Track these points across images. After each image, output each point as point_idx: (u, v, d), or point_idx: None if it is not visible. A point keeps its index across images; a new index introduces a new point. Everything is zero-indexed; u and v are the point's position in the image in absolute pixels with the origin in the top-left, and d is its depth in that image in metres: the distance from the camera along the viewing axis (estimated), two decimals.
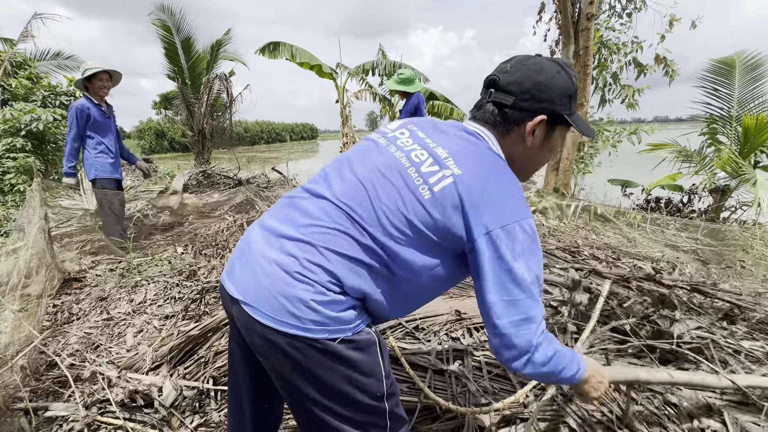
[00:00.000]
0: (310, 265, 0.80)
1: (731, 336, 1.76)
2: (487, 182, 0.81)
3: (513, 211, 0.80)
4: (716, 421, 1.37)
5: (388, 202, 0.82)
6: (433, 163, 0.84)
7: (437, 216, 0.80)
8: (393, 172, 0.85)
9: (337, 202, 0.84)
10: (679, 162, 6.53)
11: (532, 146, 0.92)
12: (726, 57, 6.24)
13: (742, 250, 4.17)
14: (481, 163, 0.85)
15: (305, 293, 0.79)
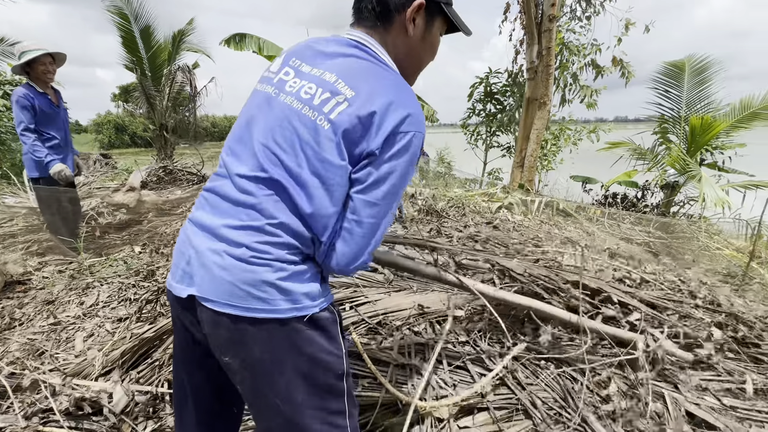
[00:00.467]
0: (262, 246, 0.81)
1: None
2: (382, 98, 0.81)
3: (409, 122, 0.82)
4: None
5: (299, 152, 0.82)
6: (324, 91, 0.84)
7: (341, 142, 0.81)
8: (290, 122, 0.84)
9: (254, 174, 0.84)
10: (634, 160, 6.91)
11: (414, 37, 0.94)
12: (676, 60, 6.63)
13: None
14: (372, 79, 0.85)
15: (268, 274, 0.80)
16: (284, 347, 0.83)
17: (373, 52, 0.91)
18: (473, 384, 1.56)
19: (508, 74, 9.19)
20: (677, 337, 1.77)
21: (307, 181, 0.82)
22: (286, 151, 0.83)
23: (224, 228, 0.83)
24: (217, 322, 0.82)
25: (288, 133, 0.83)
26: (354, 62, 0.88)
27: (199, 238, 0.86)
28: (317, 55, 0.91)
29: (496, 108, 9.78)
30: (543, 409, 1.44)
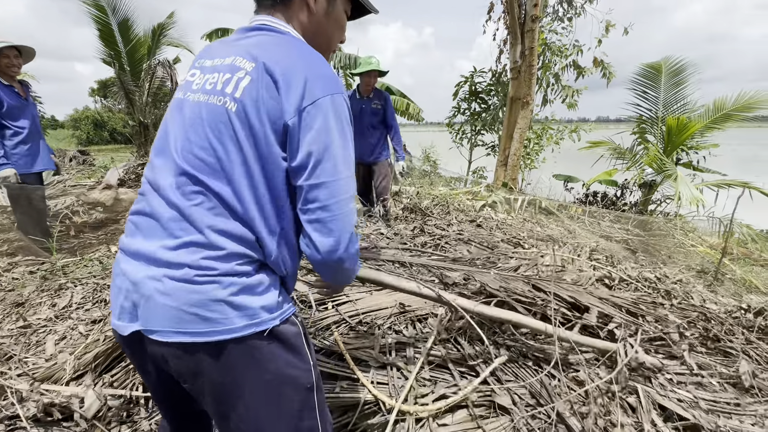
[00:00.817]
0: (206, 262, 0.74)
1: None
2: (287, 64, 0.76)
3: (323, 87, 0.76)
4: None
5: (217, 145, 0.76)
6: (224, 74, 0.79)
7: (254, 120, 0.75)
8: (201, 118, 0.78)
9: (178, 184, 0.77)
10: (614, 159, 7.07)
11: (317, 14, 0.90)
12: (654, 62, 6.80)
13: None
14: (273, 47, 0.79)
15: (217, 292, 0.73)
16: (245, 368, 0.76)
17: (276, 29, 0.85)
18: (453, 381, 1.57)
19: (492, 73, 9.28)
20: (653, 341, 1.82)
21: (232, 174, 0.75)
22: (204, 149, 0.76)
23: (160, 250, 0.75)
24: (168, 354, 0.76)
25: (200, 129, 0.77)
26: (255, 40, 0.83)
27: (134, 267, 0.78)
28: (220, 49, 0.86)
29: (481, 107, 9.87)
30: (521, 405, 1.46)
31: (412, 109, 11.59)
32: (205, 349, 0.74)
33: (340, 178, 0.77)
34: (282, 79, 0.74)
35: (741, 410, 1.53)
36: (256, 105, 0.74)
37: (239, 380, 0.77)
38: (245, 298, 0.75)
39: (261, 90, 0.74)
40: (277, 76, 0.74)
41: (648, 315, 1.97)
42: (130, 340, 0.79)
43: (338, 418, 1.44)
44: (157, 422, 1.49)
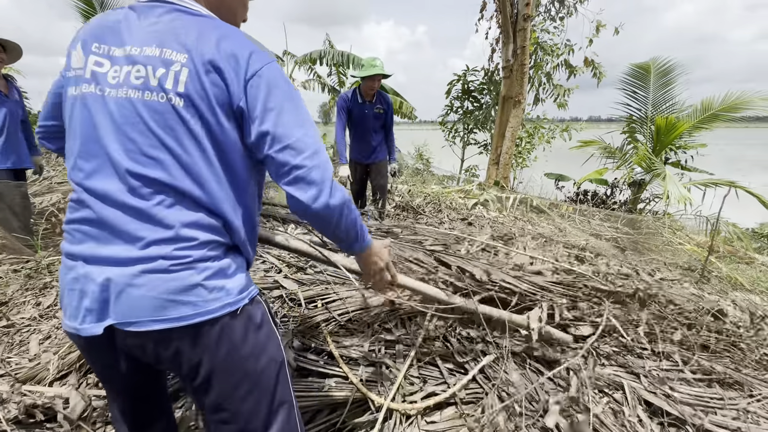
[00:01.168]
0: (180, 251, 0.76)
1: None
2: (220, 45, 0.77)
3: (255, 59, 0.79)
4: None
5: (167, 141, 0.76)
6: (156, 68, 0.76)
7: (205, 112, 0.76)
8: (140, 116, 0.76)
9: (133, 187, 0.76)
10: (604, 158, 7.14)
11: None
12: (642, 62, 6.88)
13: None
14: (195, 32, 0.78)
15: (193, 277, 0.76)
16: (223, 346, 0.79)
17: (189, 9, 0.83)
18: (442, 379, 1.57)
19: (484, 72, 9.31)
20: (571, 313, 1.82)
21: (192, 167, 0.77)
22: (157, 148, 0.76)
23: (127, 251, 0.75)
24: (147, 343, 0.77)
25: (144, 128, 0.76)
26: (172, 24, 0.79)
27: (98, 269, 0.76)
28: (128, 34, 0.80)
29: (474, 105, 9.90)
30: (508, 401, 1.47)
31: (405, 108, 11.58)
32: (185, 333, 0.77)
33: (299, 137, 0.80)
34: (221, 65, 0.76)
35: (723, 405, 1.55)
36: (203, 96, 0.76)
37: (217, 358, 0.80)
38: (218, 280, 0.79)
39: (204, 80, 0.76)
40: (216, 63, 0.76)
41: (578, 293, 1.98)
42: (94, 341, 0.79)
43: (327, 417, 1.43)
44: None
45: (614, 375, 1.62)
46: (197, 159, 0.77)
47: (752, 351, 1.88)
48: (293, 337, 1.69)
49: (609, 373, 1.62)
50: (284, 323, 1.79)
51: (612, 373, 1.63)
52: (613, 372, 1.64)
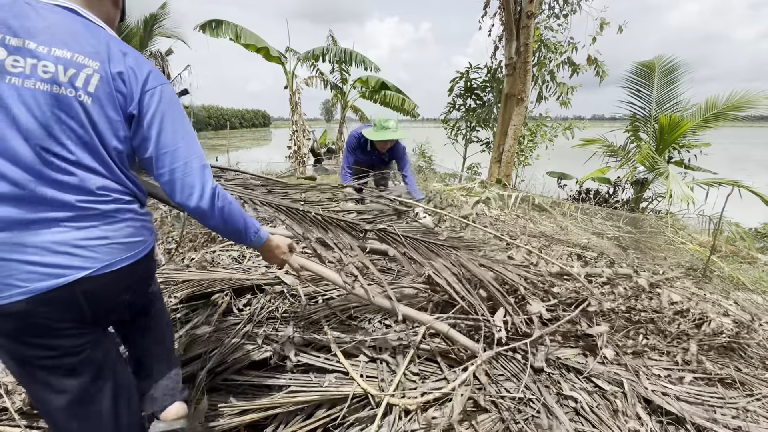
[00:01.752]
0: (114, 207, 0.94)
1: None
2: (125, 60, 0.93)
3: (153, 78, 0.97)
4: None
5: (77, 130, 0.88)
6: (67, 68, 0.86)
7: (109, 112, 0.91)
8: (58, 108, 0.86)
9: (55, 171, 0.86)
10: (607, 156, 7.11)
11: (114, 12, 1.08)
12: (647, 61, 6.84)
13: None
14: (103, 44, 0.92)
15: (128, 229, 0.96)
16: (146, 281, 1.09)
17: (92, 20, 0.95)
18: (441, 375, 1.58)
19: (487, 70, 9.27)
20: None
21: (98, 152, 0.91)
22: (68, 135, 0.87)
23: (62, 219, 0.87)
24: (97, 286, 0.91)
25: (53, 117, 0.85)
26: (69, 26, 0.90)
27: (41, 235, 0.85)
28: (28, 27, 0.85)
29: (476, 103, 9.86)
30: (508, 398, 1.47)
31: (407, 105, 11.56)
32: (123, 272, 0.95)
33: (179, 146, 0.98)
34: (125, 77, 0.93)
35: (723, 403, 1.56)
36: (110, 99, 0.91)
37: (143, 291, 1.11)
38: (141, 228, 1.00)
39: (112, 87, 0.91)
40: (123, 75, 0.92)
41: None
42: (45, 298, 0.85)
43: (328, 411, 1.44)
44: None
45: (613, 373, 1.62)
46: (99, 147, 0.91)
47: (751, 350, 1.88)
48: (294, 333, 1.70)
49: (608, 370, 1.63)
50: (285, 319, 1.80)
51: (611, 371, 1.63)
52: (613, 370, 1.64)
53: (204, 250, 2.64)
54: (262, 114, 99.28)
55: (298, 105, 10.48)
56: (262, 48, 9.65)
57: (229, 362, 1.57)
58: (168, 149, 0.96)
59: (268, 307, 1.85)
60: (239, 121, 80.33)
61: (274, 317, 1.81)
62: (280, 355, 1.60)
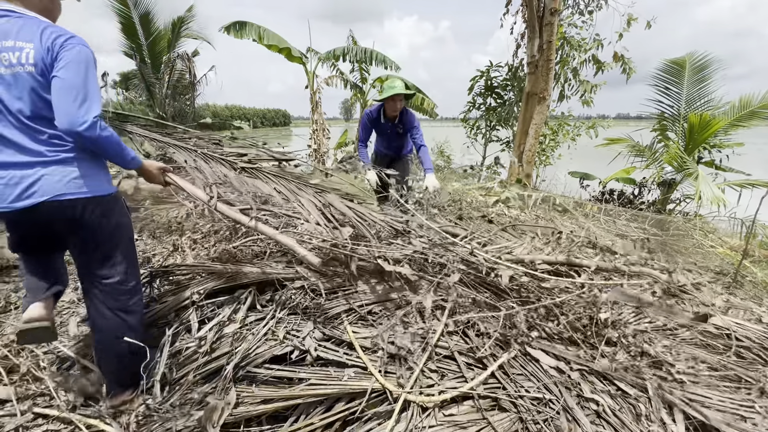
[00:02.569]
0: (69, 155, 1.41)
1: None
2: (47, 35, 1.33)
3: (72, 41, 1.35)
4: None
5: (34, 98, 1.34)
6: (14, 52, 1.30)
7: (45, 71, 1.32)
8: (23, 83, 1.32)
9: (31, 126, 1.35)
10: (633, 156, 6.90)
11: (46, 2, 1.44)
12: (677, 58, 6.60)
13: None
14: (33, 29, 1.33)
15: (76, 170, 1.40)
16: (107, 216, 1.48)
17: (27, 15, 1.37)
18: (459, 373, 1.59)
19: (508, 68, 9.13)
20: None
21: (50, 108, 1.33)
22: (31, 102, 1.33)
23: (37, 158, 1.34)
24: (57, 209, 1.36)
25: (24, 89, 1.32)
26: (19, 23, 1.34)
27: (21, 170, 1.32)
28: None
29: (497, 102, 9.73)
30: (528, 398, 1.47)
31: (426, 105, 11.51)
32: (82, 203, 1.39)
33: (71, 84, 1.32)
34: (49, 44, 1.32)
35: (753, 411, 1.50)
36: (43, 63, 1.31)
37: (102, 225, 1.45)
38: (87, 173, 1.42)
39: (42, 54, 1.31)
40: (47, 43, 1.31)
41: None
42: (21, 215, 1.34)
43: (346, 405, 1.47)
44: (172, 404, 1.55)
45: (637, 377, 1.59)
46: (48, 104, 1.33)
47: None
48: (314, 327, 1.74)
49: (630, 375, 1.59)
50: (306, 314, 1.85)
51: (634, 375, 1.60)
52: (636, 375, 1.61)
53: (227, 244, 2.72)
54: (282, 113, 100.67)
55: (319, 104, 10.59)
56: (284, 48, 9.80)
57: (253, 356, 1.62)
58: (66, 85, 1.31)
59: (289, 303, 1.90)
60: (261, 121, 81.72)
61: (295, 312, 1.85)
62: (301, 349, 1.64)
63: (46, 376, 1.62)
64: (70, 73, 1.32)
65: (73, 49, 1.33)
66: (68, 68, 1.31)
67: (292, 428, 1.41)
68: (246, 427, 1.45)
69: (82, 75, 1.34)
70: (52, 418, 1.49)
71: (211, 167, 2.01)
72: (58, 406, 1.52)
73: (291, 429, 1.40)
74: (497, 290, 2.06)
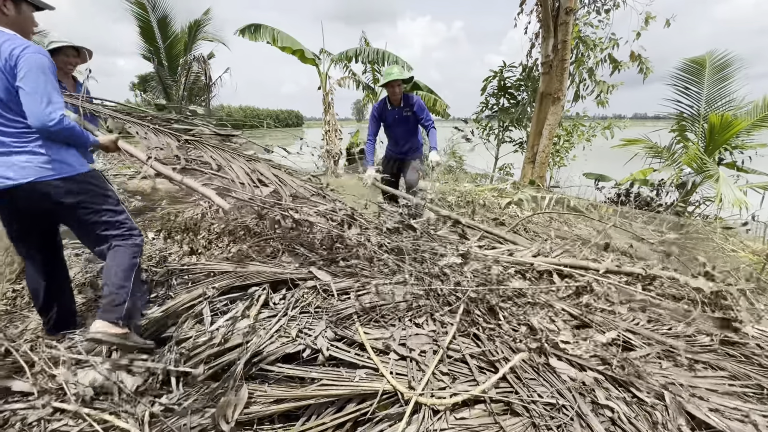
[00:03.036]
0: (37, 146, 1.70)
1: None
2: (8, 46, 1.58)
3: (26, 50, 1.59)
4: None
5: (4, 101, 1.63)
6: None
7: (10, 78, 1.59)
8: None
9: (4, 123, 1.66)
10: (650, 158, 6.75)
11: (11, 16, 1.66)
12: (697, 56, 6.43)
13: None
14: (15, 41, 1.60)
15: (40, 158, 1.69)
16: (81, 194, 1.78)
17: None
18: (471, 376, 1.57)
19: (522, 68, 9.04)
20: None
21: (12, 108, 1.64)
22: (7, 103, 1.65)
23: (10, 148, 1.65)
24: (37, 191, 1.68)
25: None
26: None
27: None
28: None
29: (510, 102, 9.64)
30: (541, 403, 1.45)
31: (439, 106, 11.47)
32: (55, 184, 1.69)
33: (35, 91, 1.58)
34: (8, 57, 1.57)
35: None
36: (3, 70, 1.58)
37: (73, 203, 1.75)
38: (52, 160, 1.70)
39: (1, 64, 1.57)
40: (6, 56, 1.57)
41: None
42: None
43: (357, 406, 1.47)
44: (180, 403, 1.58)
45: (655, 385, 1.55)
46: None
47: None
48: (326, 327, 1.75)
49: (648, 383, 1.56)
50: (318, 313, 1.86)
51: (652, 382, 1.56)
52: (655, 381, 1.57)
53: (242, 243, 2.76)
54: (295, 114, 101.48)
55: (331, 105, 10.66)
56: (298, 50, 9.90)
57: (265, 354, 1.63)
58: (30, 92, 1.58)
59: (301, 302, 1.91)
60: (274, 122, 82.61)
61: (307, 311, 1.87)
62: (313, 349, 1.65)
63: (59, 372, 1.67)
64: (30, 82, 1.57)
65: (29, 59, 1.58)
66: (28, 77, 1.57)
67: (304, 428, 1.42)
68: (258, 425, 1.46)
69: (42, 81, 1.59)
70: (69, 413, 1.53)
71: (157, 137, 2.43)
72: (74, 400, 1.55)
73: (303, 428, 1.41)
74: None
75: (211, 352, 1.66)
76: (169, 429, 1.44)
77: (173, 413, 1.50)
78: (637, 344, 1.77)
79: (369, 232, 2.35)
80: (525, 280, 2.17)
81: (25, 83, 1.56)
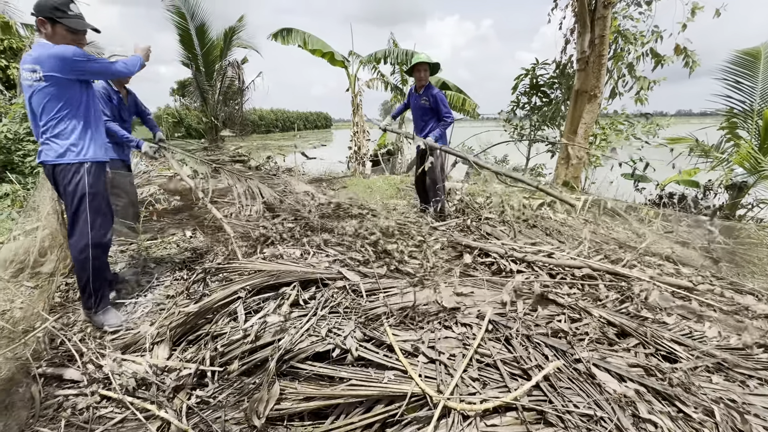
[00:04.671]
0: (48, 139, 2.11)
1: None
2: (47, 53, 1.96)
3: (64, 50, 1.97)
4: None
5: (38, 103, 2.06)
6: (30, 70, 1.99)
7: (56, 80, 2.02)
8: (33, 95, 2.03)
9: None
10: (696, 157, 6.34)
11: (48, 34, 2.02)
12: (751, 48, 5.99)
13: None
14: (44, 49, 1.97)
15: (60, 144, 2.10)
16: (71, 181, 2.11)
17: (43, 42, 2.01)
18: (502, 382, 1.53)
19: (556, 65, 8.73)
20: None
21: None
22: (39, 104, 2.06)
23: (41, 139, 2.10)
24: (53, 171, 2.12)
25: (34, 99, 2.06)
26: (36, 49, 1.99)
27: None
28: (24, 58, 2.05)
29: (542, 101, 9.35)
30: (576, 414, 1.39)
31: (468, 105, 11.32)
32: (58, 168, 2.09)
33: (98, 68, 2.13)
34: (50, 61, 1.96)
35: None
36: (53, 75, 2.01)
37: (67, 186, 2.09)
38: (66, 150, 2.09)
39: (41, 69, 1.99)
40: (42, 59, 1.97)
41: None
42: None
43: (385, 408, 1.47)
44: (215, 397, 1.63)
45: (704, 400, 1.45)
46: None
47: None
48: (355, 327, 1.76)
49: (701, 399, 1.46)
50: (347, 313, 1.87)
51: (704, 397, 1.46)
52: (704, 396, 1.47)
53: (274, 248, 2.83)
54: (324, 116, 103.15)
55: (360, 107, 10.74)
56: (328, 53, 10.06)
57: (296, 351, 1.66)
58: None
59: (330, 302, 1.94)
60: (303, 123, 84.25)
61: (336, 311, 1.89)
62: (342, 348, 1.66)
63: (106, 363, 1.77)
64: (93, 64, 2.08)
65: (56, 55, 1.95)
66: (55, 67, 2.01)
67: (333, 426, 1.43)
68: (288, 421, 1.49)
69: (94, 62, 2.09)
70: (114, 401, 1.62)
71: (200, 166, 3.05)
72: (119, 389, 1.64)
73: (332, 427, 1.43)
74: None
75: (244, 348, 1.71)
76: (204, 421, 1.49)
77: (208, 406, 1.56)
78: (683, 356, 1.66)
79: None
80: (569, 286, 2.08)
81: (89, 68, 2.09)
